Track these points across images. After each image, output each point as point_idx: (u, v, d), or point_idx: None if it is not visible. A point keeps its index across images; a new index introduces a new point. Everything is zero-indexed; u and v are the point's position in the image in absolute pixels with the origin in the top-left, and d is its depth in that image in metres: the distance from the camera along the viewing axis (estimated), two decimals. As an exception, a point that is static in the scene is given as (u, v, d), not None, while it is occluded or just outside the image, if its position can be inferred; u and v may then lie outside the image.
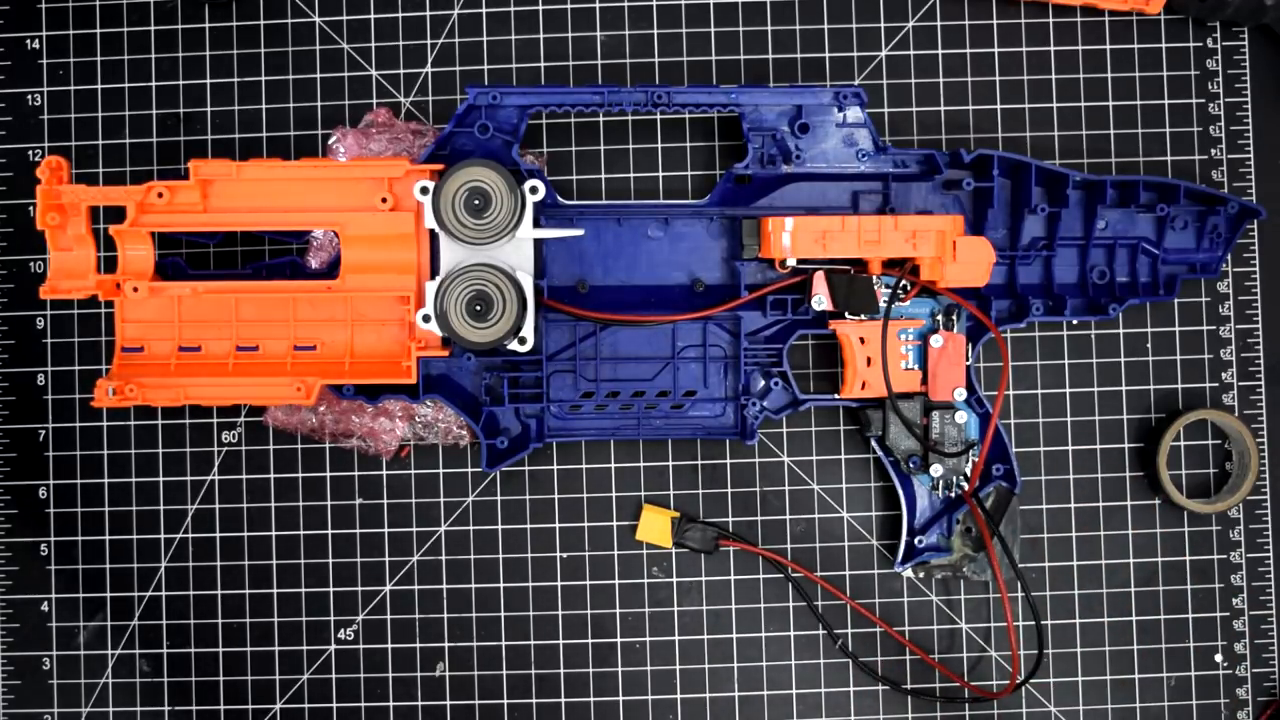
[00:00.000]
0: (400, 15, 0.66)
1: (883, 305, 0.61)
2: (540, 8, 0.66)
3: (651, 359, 0.63)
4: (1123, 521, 0.66)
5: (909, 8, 0.67)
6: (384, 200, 0.60)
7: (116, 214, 0.61)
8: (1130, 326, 0.66)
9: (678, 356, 0.63)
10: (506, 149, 0.61)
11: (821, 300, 0.61)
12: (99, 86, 0.66)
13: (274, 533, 0.66)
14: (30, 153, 0.66)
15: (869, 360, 0.62)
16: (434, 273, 0.60)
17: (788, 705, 0.65)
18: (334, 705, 0.65)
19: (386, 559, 0.66)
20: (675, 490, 0.66)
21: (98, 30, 0.67)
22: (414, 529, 0.66)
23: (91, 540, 0.66)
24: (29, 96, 0.67)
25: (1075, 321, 0.65)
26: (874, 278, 0.61)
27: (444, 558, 0.66)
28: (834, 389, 0.65)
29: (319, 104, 0.66)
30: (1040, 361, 0.66)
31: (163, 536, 0.66)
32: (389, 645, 0.66)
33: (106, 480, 0.66)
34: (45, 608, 0.66)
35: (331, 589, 0.66)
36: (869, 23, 0.66)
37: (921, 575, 0.65)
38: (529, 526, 0.66)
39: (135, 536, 0.66)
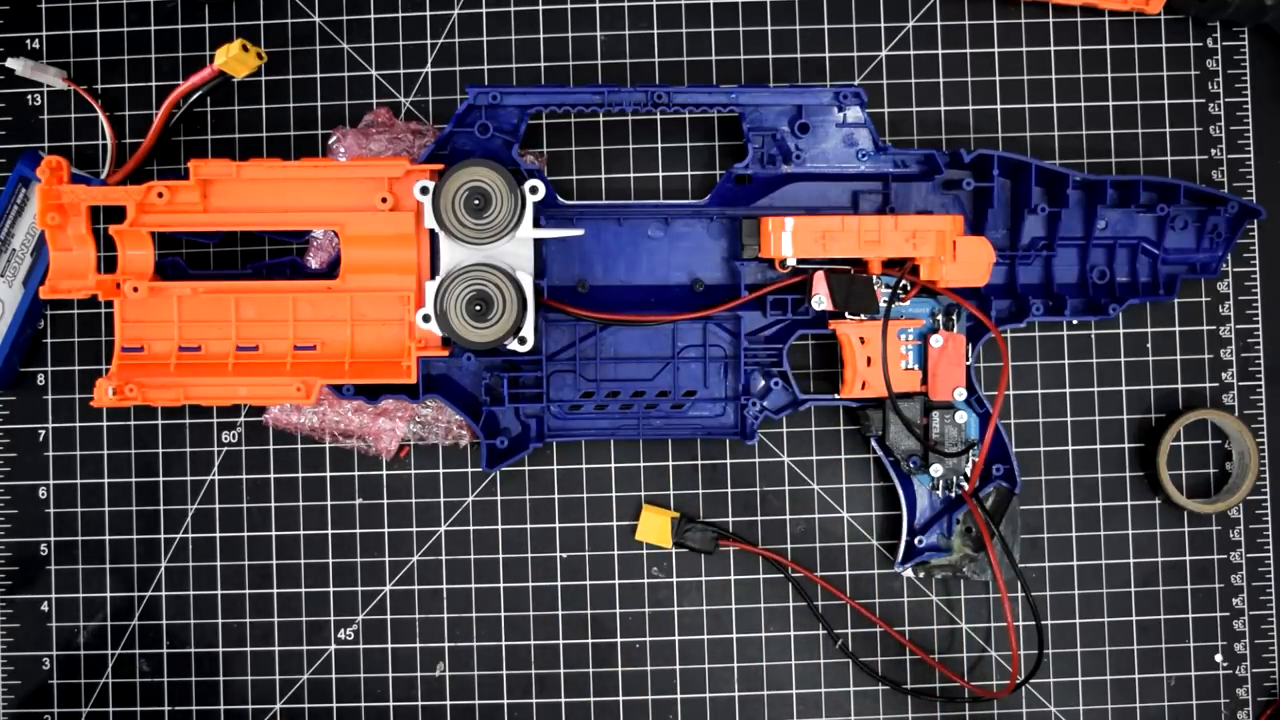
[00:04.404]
0: (400, 15, 0.66)
1: (883, 305, 0.61)
2: (540, 8, 0.66)
3: (651, 359, 0.63)
4: (1123, 521, 0.66)
5: (909, 8, 0.67)
6: (384, 200, 0.60)
7: (116, 214, 0.61)
8: (1130, 326, 0.66)
9: (678, 356, 0.63)
10: (506, 149, 0.61)
11: (821, 300, 0.61)
12: (99, 86, 0.66)
13: (274, 533, 0.66)
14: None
15: (869, 360, 0.62)
16: (434, 273, 0.60)
17: (788, 705, 0.65)
18: (334, 705, 0.65)
19: (386, 559, 0.66)
20: (675, 490, 0.66)
21: (98, 30, 0.66)
22: (414, 529, 0.66)
23: (91, 540, 0.66)
24: (29, 96, 0.67)
25: (1075, 321, 0.65)
26: (874, 278, 0.61)
27: (444, 558, 0.66)
28: (834, 389, 0.65)
29: (319, 104, 0.66)
30: (1040, 361, 0.66)
31: (163, 536, 0.66)
32: (389, 645, 0.66)
33: (106, 480, 0.66)
34: (45, 608, 0.66)
35: (331, 589, 0.66)
36: (869, 23, 0.66)
37: (921, 575, 0.65)
38: (529, 526, 0.66)
39: (135, 536, 0.66)
